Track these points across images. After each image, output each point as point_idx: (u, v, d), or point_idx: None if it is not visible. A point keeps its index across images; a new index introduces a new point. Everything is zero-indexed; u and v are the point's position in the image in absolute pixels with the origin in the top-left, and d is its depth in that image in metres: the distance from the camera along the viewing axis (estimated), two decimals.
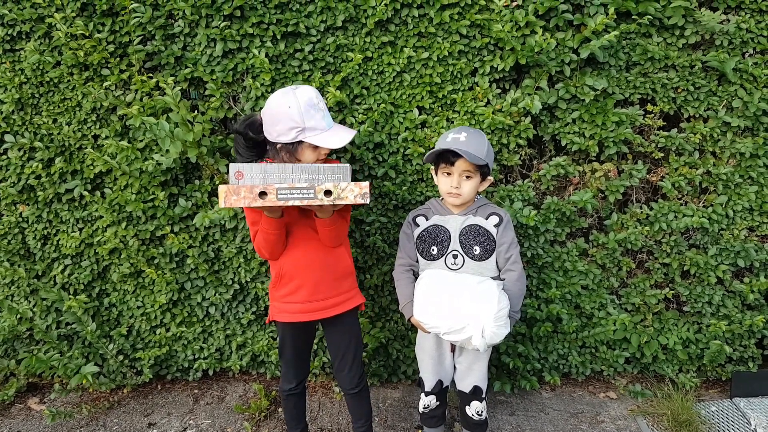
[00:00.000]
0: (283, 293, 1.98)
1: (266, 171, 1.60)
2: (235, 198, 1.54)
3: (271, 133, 1.81)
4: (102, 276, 2.68)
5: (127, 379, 2.78)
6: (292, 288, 1.96)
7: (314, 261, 1.94)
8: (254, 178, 1.60)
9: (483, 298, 1.84)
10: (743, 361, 2.65)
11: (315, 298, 1.96)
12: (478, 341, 1.80)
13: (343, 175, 1.64)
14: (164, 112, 2.35)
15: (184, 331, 2.68)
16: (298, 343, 2.09)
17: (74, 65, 2.38)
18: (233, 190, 1.54)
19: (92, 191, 2.55)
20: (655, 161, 2.48)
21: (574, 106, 2.37)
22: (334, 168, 1.64)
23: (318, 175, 1.64)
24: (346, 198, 1.59)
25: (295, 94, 1.77)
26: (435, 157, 1.99)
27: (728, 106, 2.37)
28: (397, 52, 2.32)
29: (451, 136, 1.95)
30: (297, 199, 1.57)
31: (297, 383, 2.13)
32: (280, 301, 1.99)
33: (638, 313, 2.60)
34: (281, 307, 1.99)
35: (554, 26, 2.27)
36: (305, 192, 1.57)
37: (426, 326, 1.94)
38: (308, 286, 1.95)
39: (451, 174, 1.97)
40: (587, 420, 2.53)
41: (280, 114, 1.77)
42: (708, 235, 2.48)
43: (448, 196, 2.02)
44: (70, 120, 2.48)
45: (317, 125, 1.78)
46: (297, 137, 1.77)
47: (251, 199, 1.55)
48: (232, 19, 2.29)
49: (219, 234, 2.54)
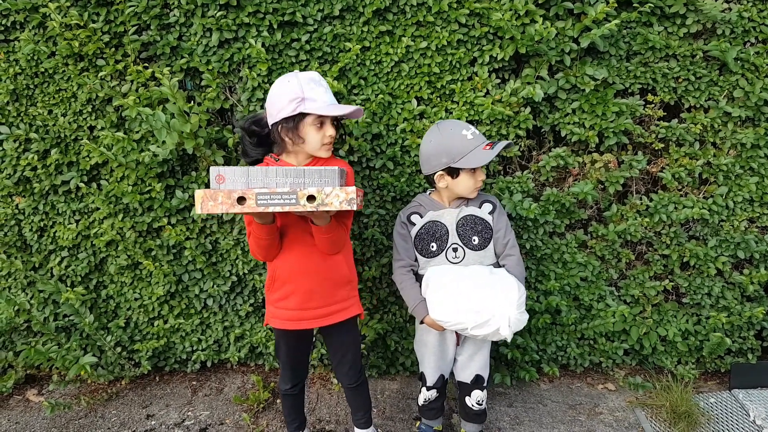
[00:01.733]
0: (276, 297, 1.92)
1: (249, 175, 1.49)
2: (212, 204, 1.44)
3: (272, 115, 1.77)
4: (99, 268, 2.67)
5: (125, 370, 2.77)
6: (284, 293, 1.89)
7: (309, 267, 1.86)
8: (236, 182, 1.49)
9: (502, 288, 1.84)
10: (742, 353, 2.64)
11: (307, 306, 1.89)
12: (506, 331, 1.80)
13: (331, 179, 1.53)
14: (160, 103, 2.33)
15: (182, 323, 2.68)
16: (292, 348, 2.05)
17: (69, 55, 2.36)
18: (210, 195, 1.43)
19: (88, 183, 2.53)
20: (656, 152, 2.46)
21: (574, 96, 2.34)
22: (321, 171, 1.53)
23: (303, 179, 1.52)
24: (330, 204, 1.48)
25: (296, 73, 1.77)
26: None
27: (729, 96, 2.35)
28: (395, 42, 2.30)
29: (468, 133, 1.93)
30: (278, 205, 1.46)
31: (293, 385, 2.11)
32: (273, 305, 1.94)
33: (637, 305, 2.60)
34: (274, 311, 1.94)
35: (554, 15, 2.24)
36: (286, 197, 1.46)
37: (446, 324, 1.90)
38: (301, 292, 1.88)
39: (477, 169, 1.96)
40: (585, 411, 2.53)
41: (280, 92, 1.74)
42: (708, 227, 2.47)
43: (474, 192, 2.01)
44: (65, 111, 2.45)
45: (318, 97, 1.74)
46: (296, 109, 1.71)
47: (229, 205, 1.44)
48: (228, 9, 2.27)
49: (216, 226, 2.52)
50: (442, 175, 1.97)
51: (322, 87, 1.77)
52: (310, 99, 1.72)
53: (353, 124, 2.34)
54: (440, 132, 1.97)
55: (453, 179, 1.97)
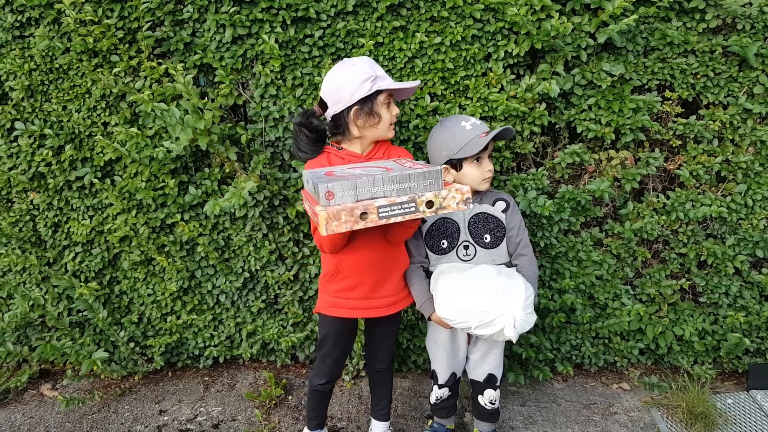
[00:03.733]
0: (338, 288, 1.92)
1: (357, 186, 1.43)
2: (336, 224, 1.38)
3: (342, 100, 1.75)
4: (113, 263, 2.68)
5: (138, 366, 2.79)
6: (348, 284, 1.90)
7: (376, 261, 1.88)
8: (345, 196, 1.43)
9: (509, 288, 1.80)
10: (760, 353, 2.60)
11: (372, 296, 1.92)
12: (511, 332, 1.76)
13: (435, 179, 1.48)
14: (174, 99, 2.33)
15: (194, 319, 2.68)
16: (341, 340, 2.05)
17: (83, 51, 2.36)
18: (333, 215, 1.37)
19: (102, 179, 2.54)
20: (673, 149, 2.42)
21: (590, 92, 2.31)
22: (425, 173, 1.47)
23: (410, 183, 1.46)
24: (449, 207, 1.46)
25: (354, 58, 1.82)
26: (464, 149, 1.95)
27: (749, 93, 2.30)
28: (408, 38, 2.28)
29: (467, 124, 1.94)
30: (399, 215, 1.43)
31: (327, 381, 2.10)
32: (333, 295, 1.94)
33: (653, 304, 2.56)
34: (334, 301, 1.94)
35: (570, 10, 2.21)
36: (406, 206, 1.43)
37: (452, 323, 1.87)
38: (367, 284, 1.90)
39: (482, 159, 1.96)
40: (600, 411, 2.50)
41: (348, 76, 1.74)
42: (726, 225, 2.43)
43: (484, 183, 1.99)
44: (79, 107, 2.46)
45: (385, 75, 1.79)
46: (373, 87, 1.72)
47: (353, 222, 1.40)
48: (241, 4, 2.26)
49: (229, 222, 2.52)
50: (447, 168, 1.97)
51: (376, 65, 1.82)
52: (381, 77, 1.76)
53: None
54: (441, 126, 2.02)
55: (458, 172, 1.97)
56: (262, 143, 2.43)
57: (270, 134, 2.39)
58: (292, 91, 2.34)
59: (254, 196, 2.38)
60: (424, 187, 1.48)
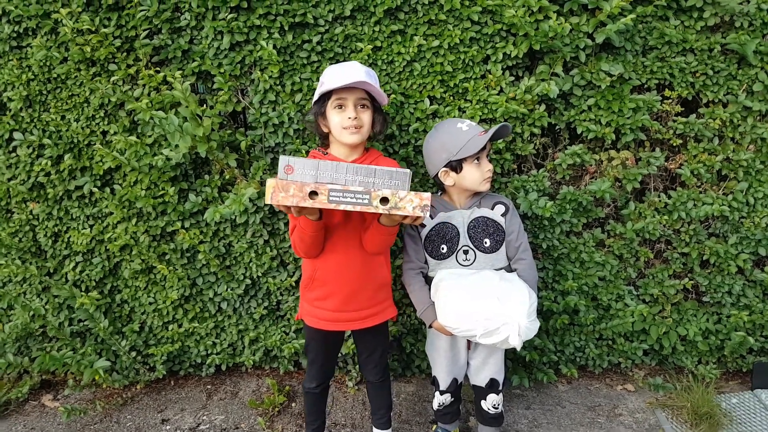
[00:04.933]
0: (314, 296, 1.90)
1: (318, 168, 1.44)
2: (283, 195, 1.40)
3: (312, 109, 1.88)
4: (113, 272, 2.67)
5: (140, 375, 2.77)
6: (323, 293, 1.87)
7: (351, 269, 1.84)
8: (305, 175, 1.45)
9: (512, 295, 1.78)
10: (764, 352, 2.59)
11: (346, 308, 1.87)
12: (516, 340, 1.74)
13: (402, 181, 1.48)
14: (172, 107, 2.33)
15: (196, 327, 2.67)
16: (323, 348, 2.04)
17: (81, 61, 2.35)
18: (282, 186, 1.39)
19: (102, 188, 2.53)
20: (673, 148, 2.42)
21: (590, 92, 2.31)
22: (392, 172, 1.48)
23: (374, 179, 1.47)
24: (403, 208, 1.44)
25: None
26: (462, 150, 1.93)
27: (748, 90, 2.30)
28: (407, 41, 2.27)
29: (464, 125, 1.93)
30: (349, 204, 1.42)
31: (317, 384, 2.10)
32: (310, 303, 1.92)
33: (656, 304, 2.55)
34: (310, 310, 1.92)
35: (568, 10, 2.21)
36: (359, 197, 1.42)
37: (455, 331, 1.86)
38: (341, 295, 1.86)
39: (481, 159, 1.95)
40: (605, 413, 2.49)
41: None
42: (728, 224, 2.42)
43: (485, 183, 1.98)
44: (78, 116, 2.45)
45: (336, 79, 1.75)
46: (318, 92, 1.80)
47: (300, 198, 1.40)
48: (238, 11, 2.26)
49: (230, 229, 2.51)
50: (447, 171, 1.97)
51: (345, 71, 1.77)
52: (326, 82, 1.76)
53: None
54: (437, 130, 2.01)
55: (458, 174, 1.96)
56: (262, 149, 2.42)
57: (270, 140, 2.38)
58: (291, 97, 2.34)
59: (255, 202, 2.38)
60: (387, 186, 1.48)
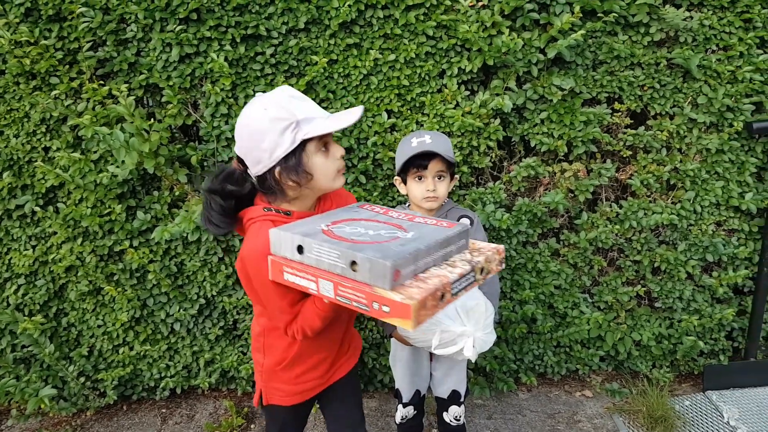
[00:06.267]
0: (298, 372, 1.54)
1: (416, 259, 1.08)
2: (424, 312, 1.04)
3: (260, 160, 1.28)
4: (59, 295, 2.55)
5: (89, 401, 2.65)
6: (312, 363, 1.55)
7: (341, 327, 1.58)
8: (407, 275, 1.07)
9: (468, 308, 1.78)
10: (714, 354, 2.68)
11: (336, 363, 1.62)
12: (470, 352, 1.74)
13: (466, 235, 1.24)
14: (118, 121, 2.24)
15: (148, 350, 2.57)
16: (300, 424, 1.75)
17: (20, 74, 2.24)
18: (422, 303, 1.01)
19: (44, 206, 2.41)
20: (624, 159, 2.48)
21: (542, 106, 2.34)
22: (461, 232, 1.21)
23: (449, 247, 1.18)
24: (492, 270, 1.22)
25: (265, 96, 1.31)
26: (404, 163, 1.92)
27: (693, 103, 2.38)
28: (363, 55, 2.26)
29: (415, 140, 1.90)
30: (464, 289, 1.14)
31: None
32: (292, 382, 1.55)
33: (611, 311, 2.61)
34: (293, 388, 1.56)
35: (521, 26, 2.24)
36: (470, 278, 1.15)
37: (412, 341, 1.84)
38: (332, 356, 1.59)
39: (425, 177, 1.91)
40: (564, 420, 2.52)
41: (262, 126, 1.26)
42: (677, 232, 2.50)
43: (424, 201, 1.94)
44: (17, 132, 2.33)
45: (312, 113, 1.29)
46: (296, 138, 1.26)
47: (434, 307, 1.07)
48: (188, 23, 2.19)
49: (181, 247, 2.43)
50: (399, 180, 1.96)
51: (307, 101, 1.33)
52: (305, 120, 1.27)
53: None
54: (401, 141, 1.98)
55: (406, 186, 1.95)
56: (214, 163, 2.36)
57: (223, 154, 2.32)
58: None
59: None
60: (458, 249, 1.22)
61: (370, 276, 1.03)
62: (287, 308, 1.33)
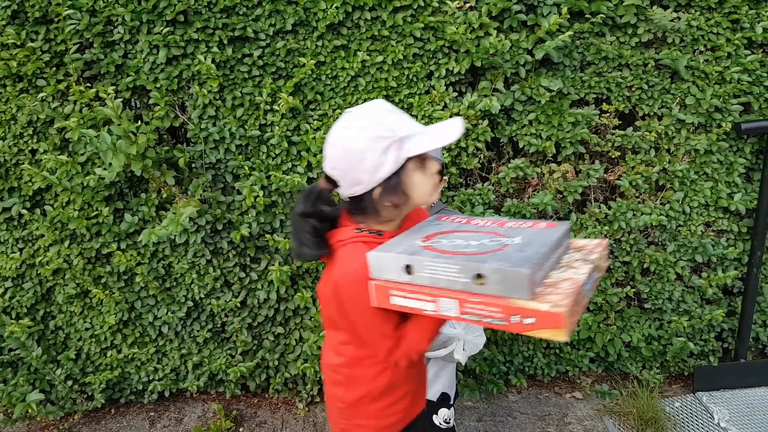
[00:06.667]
0: (388, 402, 1.39)
1: (543, 264, 1.00)
2: (572, 320, 0.94)
3: (360, 181, 1.18)
4: (46, 298, 2.53)
5: (77, 405, 2.63)
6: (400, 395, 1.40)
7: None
8: (538, 281, 0.99)
9: None
10: (704, 355, 2.68)
11: (415, 399, 1.46)
12: (460, 355, 1.75)
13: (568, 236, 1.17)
14: (105, 124, 2.23)
15: (136, 353, 2.55)
16: None
17: (6, 76, 2.24)
18: (570, 310, 0.91)
19: (32, 209, 2.40)
20: (612, 160, 2.48)
21: (530, 107, 2.34)
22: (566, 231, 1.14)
23: (559, 249, 1.10)
24: (602, 267, 1.13)
25: (360, 111, 1.20)
26: None
27: (681, 104, 2.38)
28: (350, 56, 2.25)
29: None
30: (590, 289, 1.06)
31: None
32: (376, 416, 1.39)
33: (601, 312, 2.60)
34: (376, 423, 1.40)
35: (508, 27, 2.24)
36: (592, 275, 1.06)
37: None
38: (413, 388, 1.44)
39: None
40: (554, 422, 2.51)
41: (360, 144, 1.15)
42: (666, 232, 2.50)
43: None
44: (4, 134, 2.32)
45: (411, 128, 1.18)
46: (400, 156, 1.16)
47: (579, 312, 0.99)
48: (175, 25, 2.19)
49: (169, 249, 2.42)
50: None
51: (402, 114, 1.22)
52: (407, 137, 1.17)
53: (310, 140, 2.28)
54: None
55: None
56: (202, 165, 2.35)
57: (210, 156, 2.31)
58: (233, 111, 2.28)
59: (195, 221, 2.30)
60: (565, 249, 1.15)
61: (502, 287, 0.94)
62: (391, 333, 1.22)
